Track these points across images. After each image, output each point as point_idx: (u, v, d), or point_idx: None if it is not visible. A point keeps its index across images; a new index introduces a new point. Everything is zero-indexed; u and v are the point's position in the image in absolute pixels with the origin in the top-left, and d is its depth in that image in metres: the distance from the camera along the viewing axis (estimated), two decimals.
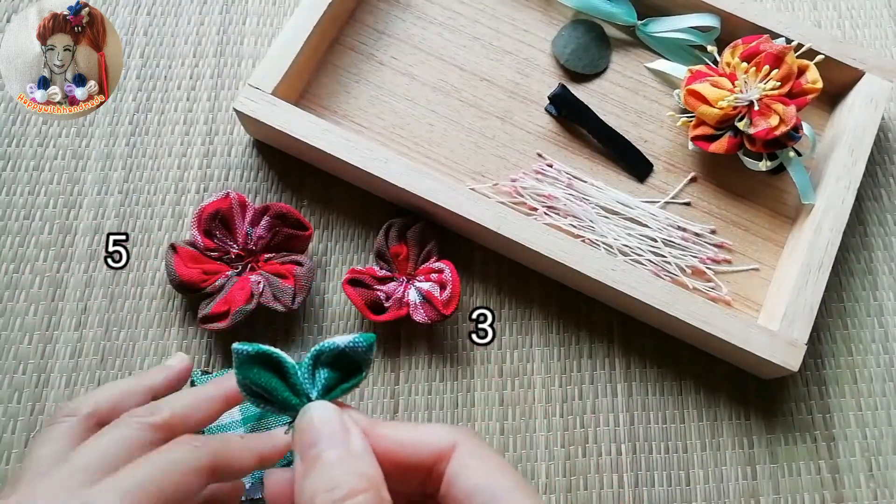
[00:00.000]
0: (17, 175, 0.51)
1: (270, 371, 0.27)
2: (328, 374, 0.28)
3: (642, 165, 0.53)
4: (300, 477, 0.25)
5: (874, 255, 0.53)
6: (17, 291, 0.48)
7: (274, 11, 0.58)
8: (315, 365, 0.28)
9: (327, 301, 0.49)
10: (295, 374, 0.27)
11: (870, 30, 0.60)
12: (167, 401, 0.35)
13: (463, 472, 0.26)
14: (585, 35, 0.56)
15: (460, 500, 0.26)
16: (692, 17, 0.55)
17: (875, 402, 0.49)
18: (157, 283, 0.49)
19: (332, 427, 0.26)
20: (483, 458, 0.26)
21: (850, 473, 0.47)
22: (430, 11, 0.56)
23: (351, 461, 0.25)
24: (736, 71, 0.51)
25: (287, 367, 0.27)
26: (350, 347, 0.28)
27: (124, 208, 0.51)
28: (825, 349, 0.50)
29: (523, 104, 0.54)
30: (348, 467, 0.25)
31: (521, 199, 0.51)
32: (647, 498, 0.46)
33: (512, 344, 0.49)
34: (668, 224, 0.51)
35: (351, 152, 0.48)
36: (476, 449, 0.27)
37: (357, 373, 0.28)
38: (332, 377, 0.28)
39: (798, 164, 0.51)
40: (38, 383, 0.46)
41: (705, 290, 0.50)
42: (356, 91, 0.54)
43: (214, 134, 0.53)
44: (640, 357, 0.49)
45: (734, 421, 0.48)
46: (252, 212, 0.48)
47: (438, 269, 0.47)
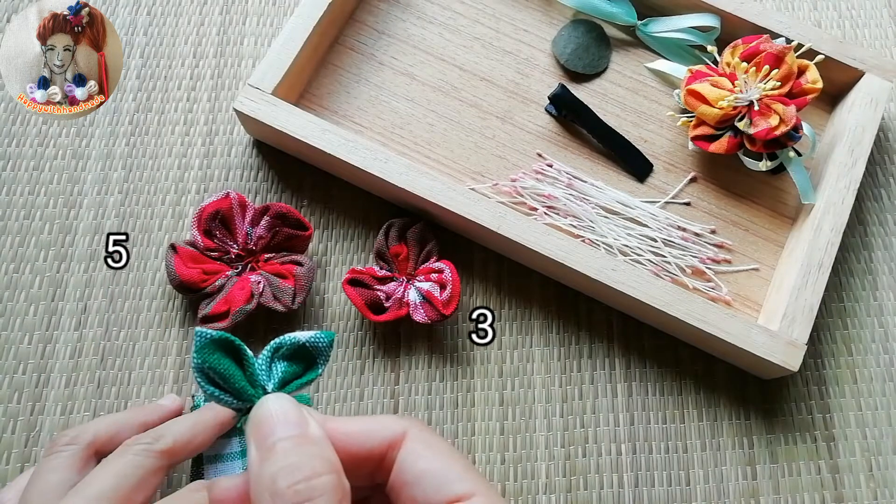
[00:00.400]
0: (17, 175, 0.51)
1: (230, 358, 0.27)
2: (286, 367, 0.28)
3: (642, 165, 0.53)
4: (256, 466, 0.25)
5: (874, 255, 0.53)
6: (17, 291, 0.48)
7: (274, 11, 0.58)
8: (273, 358, 0.28)
9: (327, 301, 0.49)
10: (253, 366, 0.27)
11: (870, 30, 0.60)
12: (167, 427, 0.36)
13: (412, 457, 0.26)
14: (585, 35, 0.56)
15: (409, 486, 0.26)
16: (692, 17, 0.55)
17: (875, 402, 0.49)
18: (157, 283, 0.49)
19: (289, 416, 0.25)
20: (432, 445, 0.27)
21: (850, 473, 0.47)
22: (430, 11, 0.56)
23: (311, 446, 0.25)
24: (736, 71, 0.51)
25: (247, 357, 0.27)
26: (311, 343, 0.28)
27: (124, 208, 0.51)
28: (825, 349, 0.50)
29: (523, 104, 0.54)
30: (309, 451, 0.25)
31: (521, 199, 0.51)
32: (647, 498, 0.46)
33: (512, 344, 0.49)
34: (668, 224, 0.51)
35: (351, 152, 0.48)
36: (425, 436, 0.27)
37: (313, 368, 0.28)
38: (289, 371, 0.28)
39: (798, 164, 0.51)
40: (38, 383, 0.46)
41: (705, 290, 0.50)
42: (356, 91, 0.54)
43: (214, 134, 0.53)
44: (640, 357, 0.49)
45: (734, 421, 0.48)
46: (252, 212, 0.48)
47: (438, 269, 0.47)
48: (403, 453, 0.26)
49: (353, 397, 0.47)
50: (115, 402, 0.46)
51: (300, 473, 0.23)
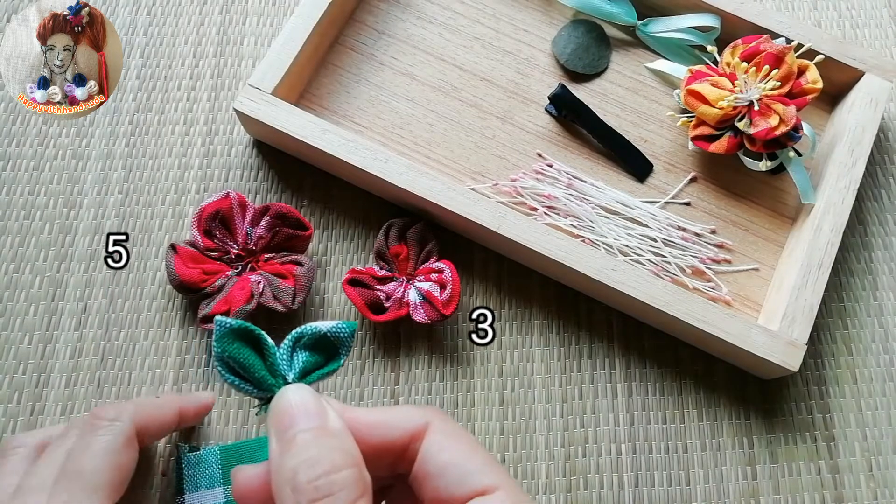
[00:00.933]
0: (17, 175, 0.51)
1: (250, 348, 0.27)
2: (307, 357, 0.27)
3: (642, 165, 0.53)
4: (277, 457, 0.25)
5: (874, 255, 0.53)
6: (17, 291, 0.48)
7: (274, 11, 0.58)
8: (294, 347, 0.28)
9: (327, 301, 0.49)
10: (274, 355, 0.27)
11: (870, 30, 0.60)
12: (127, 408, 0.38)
13: (434, 449, 0.26)
14: (585, 35, 0.56)
15: (432, 477, 0.26)
16: (692, 17, 0.55)
17: (875, 402, 0.49)
18: (157, 283, 0.49)
19: (309, 408, 0.25)
20: (456, 436, 0.27)
21: (850, 473, 0.47)
22: (430, 11, 0.56)
23: (331, 439, 0.25)
24: (736, 71, 0.51)
25: (267, 346, 0.27)
26: (332, 333, 0.28)
27: (124, 208, 0.51)
28: (825, 349, 0.50)
29: (523, 104, 0.54)
30: (329, 444, 0.24)
31: (521, 199, 0.51)
32: (647, 498, 0.46)
33: (512, 344, 0.49)
34: (668, 224, 0.51)
35: (351, 152, 0.48)
36: (448, 428, 0.27)
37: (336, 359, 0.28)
38: (311, 361, 0.27)
39: (798, 164, 0.51)
40: (38, 383, 0.46)
41: (705, 290, 0.50)
42: (356, 91, 0.54)
43: (214, 134, 0.53)
44: (640, 357, 0.49)
45: (734, 421, 0.48)
46: (252, 212, 0.48)
47: (438, 269, 0.47)
48: (426, 444, 0.26)
49: (354, 397, 0.47)
50: (116, 401, 0.46)
51: (320, 468, 0.23)
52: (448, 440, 0.26)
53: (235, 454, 0.44)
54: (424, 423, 0.27)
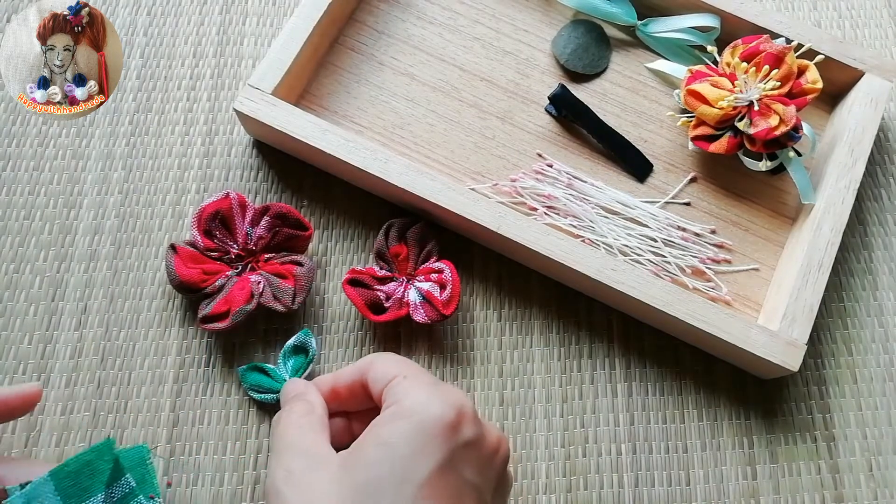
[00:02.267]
0: (17, 175, 0.51)
1: (260, 373, 0.46)
2: (293, 362, 0.46)
3: (642, 165, 0.53)
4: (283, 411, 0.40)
5: (874, 255, 0.53)
6: (17, 291, 0.48)
7: (274, 11, 0.58)
8: (284, 359, 0.46)
9: (327, 301, 0.49)
10: (274, 371, 0.46)
11: (870, 30, 0.60)
12: None
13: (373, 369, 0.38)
14: (585, 35, 0.56)
15: (371, 384, 0.38)
16: (692, 17, 0.55)
17: (875, 402, 0.49)
18: (157, 283, 0.49)
19: (296, 389, 0.41)
20: (386, 358, 0.39)
21: (850, 473, 0.47)
22: (430, 11, 0.56)
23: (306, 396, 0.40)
24: (736, 71, 0.51)
25: (268, 369, 0.46)
26: (298, 342, 0.46)
27: (124, 208, 0.51)
28: (825, 349, 0.50)
29: (523, 104, 0.54)
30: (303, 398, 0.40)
31: (521, 199, 0.51)
32: (647, 498, 0.46)
33: (512, 344, 0.49)
34: (668, 224, 0.51)
35: (351, 152, 0.48)
36: (384, 357, 0.39)
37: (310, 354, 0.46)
38: (297, 362, 0.46)
39: (798, 164, 0.51)
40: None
41: (705, 290, 0.50)
42: (356, 91, 0.54)
43: (214, 134, 0.53)
44: (640, 357, 0.49)
45: (734, 421, 0.48)
46: (252, 212, 0.48)
47: (438, 269, 0.47)
48: (370, 373, 0.38)
49: None
50: (115, 401, 0.46)
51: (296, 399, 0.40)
52: (382, 364, 0.38)
53: (68, 475, 0.37)
54: (369, 361, 0.39)
